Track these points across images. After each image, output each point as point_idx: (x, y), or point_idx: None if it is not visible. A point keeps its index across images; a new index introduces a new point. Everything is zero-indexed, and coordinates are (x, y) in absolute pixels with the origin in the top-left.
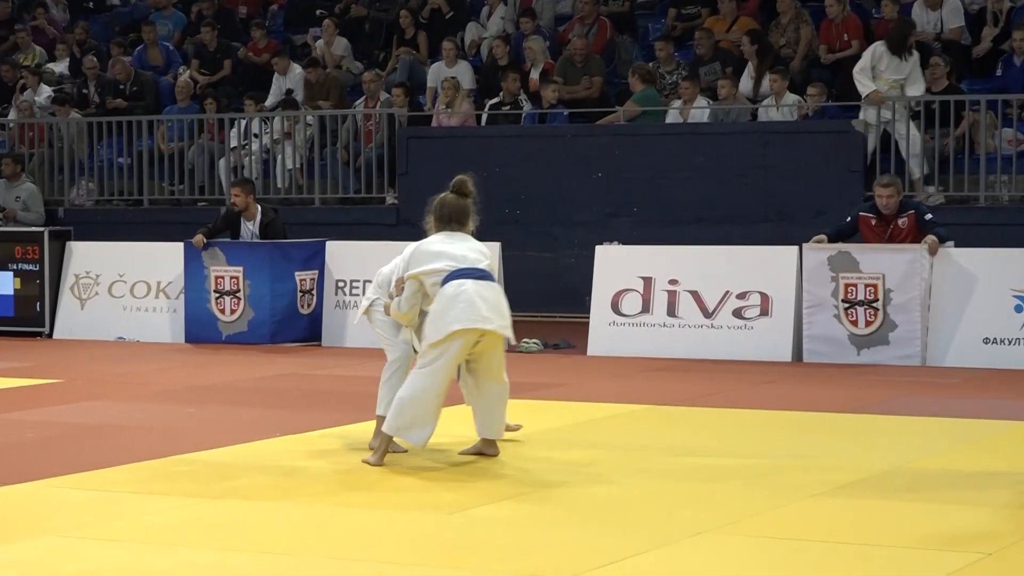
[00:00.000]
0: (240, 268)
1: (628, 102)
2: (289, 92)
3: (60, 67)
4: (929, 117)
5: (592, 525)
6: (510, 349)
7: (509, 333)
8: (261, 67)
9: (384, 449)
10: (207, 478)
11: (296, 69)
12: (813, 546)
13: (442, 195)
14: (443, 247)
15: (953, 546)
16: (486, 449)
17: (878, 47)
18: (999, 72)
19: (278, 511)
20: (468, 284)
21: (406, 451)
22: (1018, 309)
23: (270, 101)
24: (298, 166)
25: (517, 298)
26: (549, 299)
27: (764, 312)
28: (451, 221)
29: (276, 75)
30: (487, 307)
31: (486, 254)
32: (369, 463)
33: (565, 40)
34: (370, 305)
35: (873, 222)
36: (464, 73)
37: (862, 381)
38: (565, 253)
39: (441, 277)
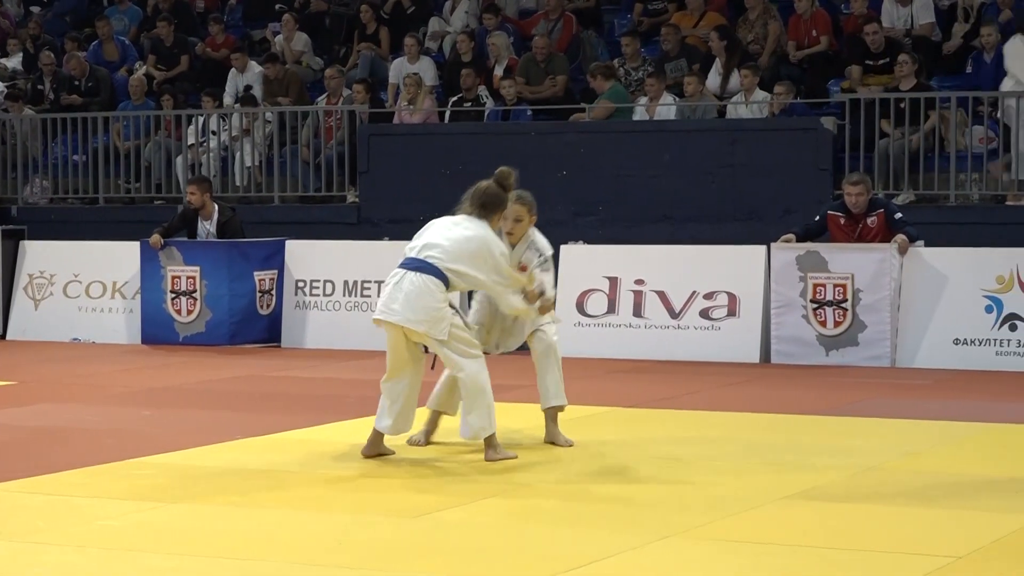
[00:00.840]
0: (197, 268)
1: (601, 100)
2: (248, 88)
3: (13, 62)
4: (898, 115)
5: (557, 529)
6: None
7: (418, 327)
8: (219, 63)
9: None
10: (165, 482)
11: (255, 66)
12: (781, 549)
13: (484, 181)
14: (426, 230)
15: (922, 549)
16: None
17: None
18: (969, 69)
19: (238, 515)
20: (399, 274)
21: (393, 453)
22: (988, 309)
23: (227, 99)
24: (257, 164)
25: None
26: None
27: (731, 312)
28: (474, 206)
29: (232, 72)
30: (402, 299)
31: (466, 246)
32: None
33: (528, 35)
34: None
35: (842, 221)
36: (427, 69)
37: (831, 382)
38: None
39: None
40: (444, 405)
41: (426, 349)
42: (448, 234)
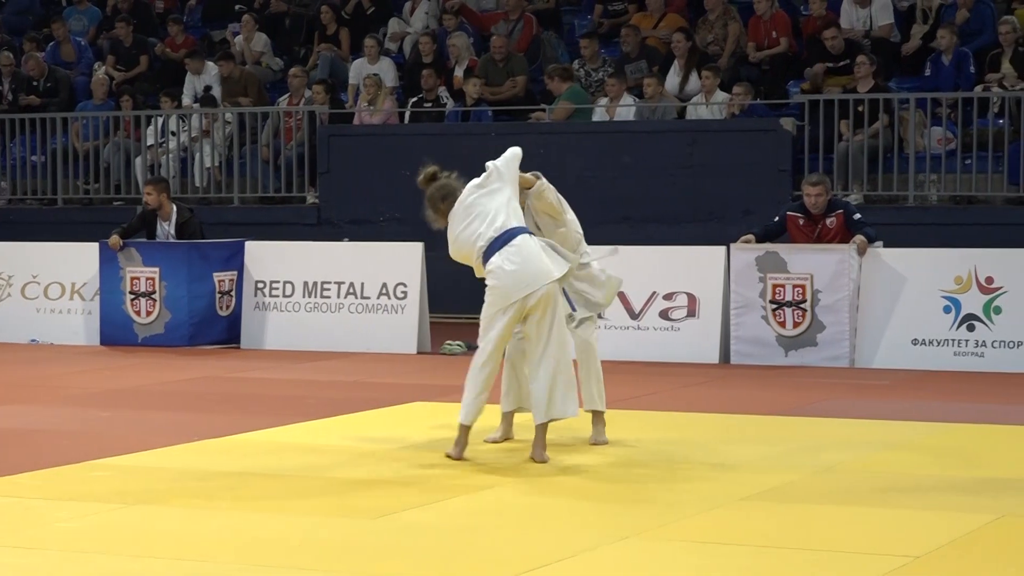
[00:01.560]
0: (156, 269)
1: (561, 101)
2: (208, 89)
3: None
4: (857, 116)
5: (516, 530)
6: (434, 352)
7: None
8: (178, 63)
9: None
10: (123, 483)
11: (212, 67)
12: (740, 550)
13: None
14: (473, 215)
15: (880, 549)
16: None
17: None
18: (928, 71)
19: (196, 517)
20: (506, 252)
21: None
22: (947, 310)
23: (185, 100)
24: (217, 164)
25: (441, 299)
26: (473, 301)
27: (691, 313)
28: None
29: (189, 75)
30: (538, 262)
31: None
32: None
33: (488, 33)
34: None
35: (801, 222)
36: (387, 70)
37: (790, 383)
38: None
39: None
40: (525, 401)
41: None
42: (494, 203)
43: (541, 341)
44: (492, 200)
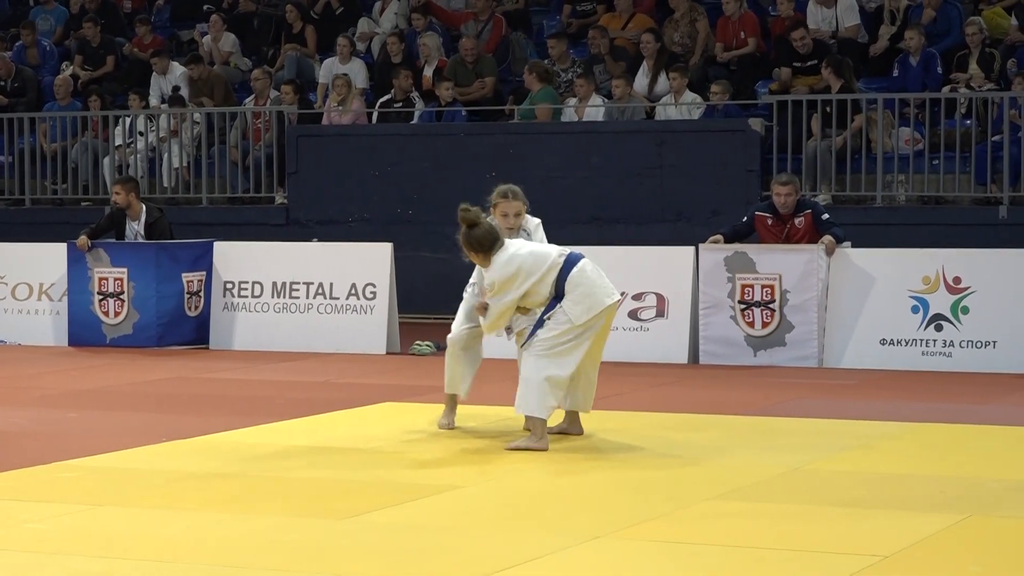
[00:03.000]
0: (124, 269)
1: (538, 104)
2: (176, 89)
3: None
4: (825, 116)
5: (486, 530)
6: (403, 352)
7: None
8: (146, 63)
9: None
10: (91, 484)
11: (178, 67)
12: (709, 550)
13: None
14: (534, 242)
15: (848, 549)
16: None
17: None
18: (895, 72)
19: (165, 518)
20: (587, 263)
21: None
22: (915, 310)
23: (152, 101)
24: (185, 165)
25: (410, 299)
26: (443, 300)
27: (660, 313)
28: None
29: (155, 75)
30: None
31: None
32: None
33: (458, 31)
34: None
35: (769, 222)
36: (358, 71)
37: (759, 383)
38: (459, 254)
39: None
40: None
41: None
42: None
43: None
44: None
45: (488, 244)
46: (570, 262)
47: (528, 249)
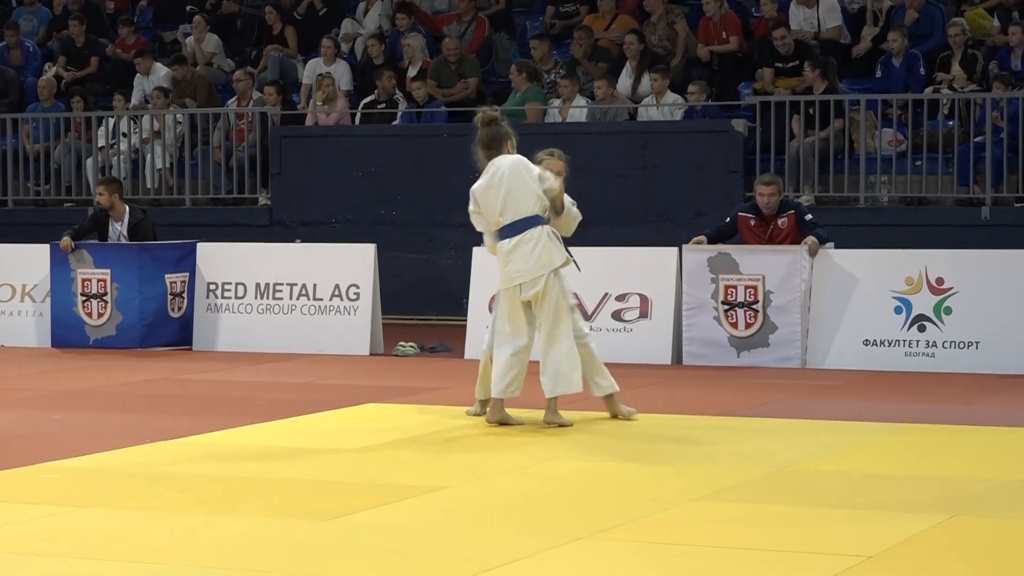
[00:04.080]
0: (108, 271)
1: (523, 98)
2: (164, 90)
3: None
4: (808, 117)
5: (471, 530)
6: (387, 353)
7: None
8: (129, 64)
9: None
10: (75, 486)
11: (161, 68)
12: (694, 550)
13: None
14: (486, 204)
15: (833, 549)
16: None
17: None
18: (878, 73)
19: (148, 519)
20: (514, 240)
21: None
22: (898, 311)
23: (135, 102)
24: (168, 166)
25: (393, 300)
26: (426, 301)
27: (643, 314)
28: (484, 151)
29: (137, 76)
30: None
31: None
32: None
33: (441, 34)
34: None
35: (752, 223)
36: (342, 72)
37: (742, 384)
38: (442, 255)
39: None
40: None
41: None
42: (506, 187)
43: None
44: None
45: (486, 142)
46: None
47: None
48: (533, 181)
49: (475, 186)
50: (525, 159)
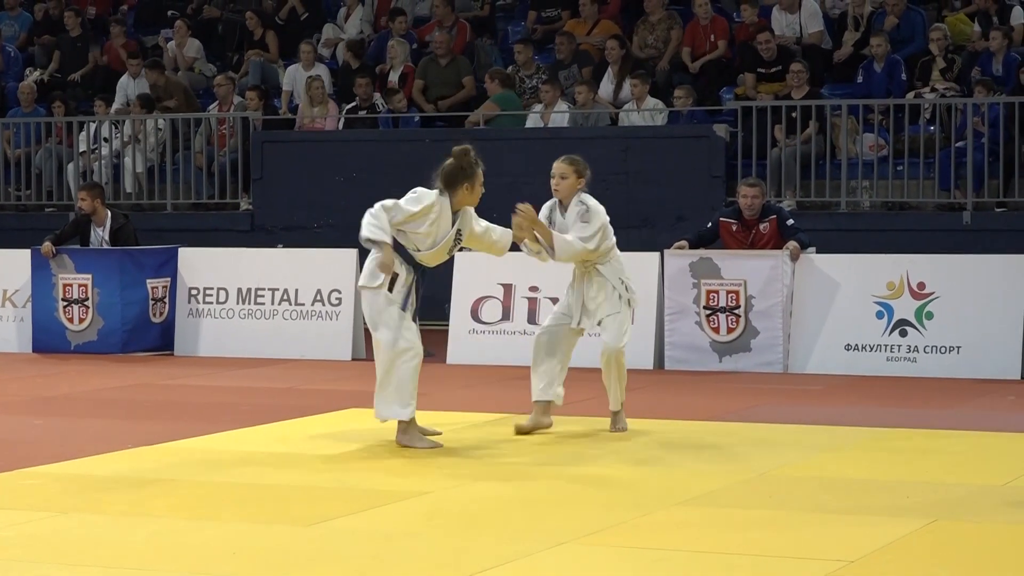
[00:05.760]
0: (89, 276)
1: (486, 102)
2: (147, 98)
3: None
4: (791, 122)
5: (452, 535)
6: (369, 359)
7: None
8: (111, 69)
9: None
10: (56, 491)
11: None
12: (676, 555)
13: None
14: None
15: (815, 554)
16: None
17: None
18: (860, 78)
19: (130, 525)
20: None
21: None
22: (879, 315)
23: (117, 105)
24: (149, 170)
25: None
26: None
27: None
28: (440, 183)
29: (121, 80)
30: None
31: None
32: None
33: (424, 43)
34: None
35: (734, 228)
36: (323, 77)
37: (724, 388)
38: None
39: None
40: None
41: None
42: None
43: None
44: None
45: (444, 176)
46: None
47: None
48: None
49: (410, 206)
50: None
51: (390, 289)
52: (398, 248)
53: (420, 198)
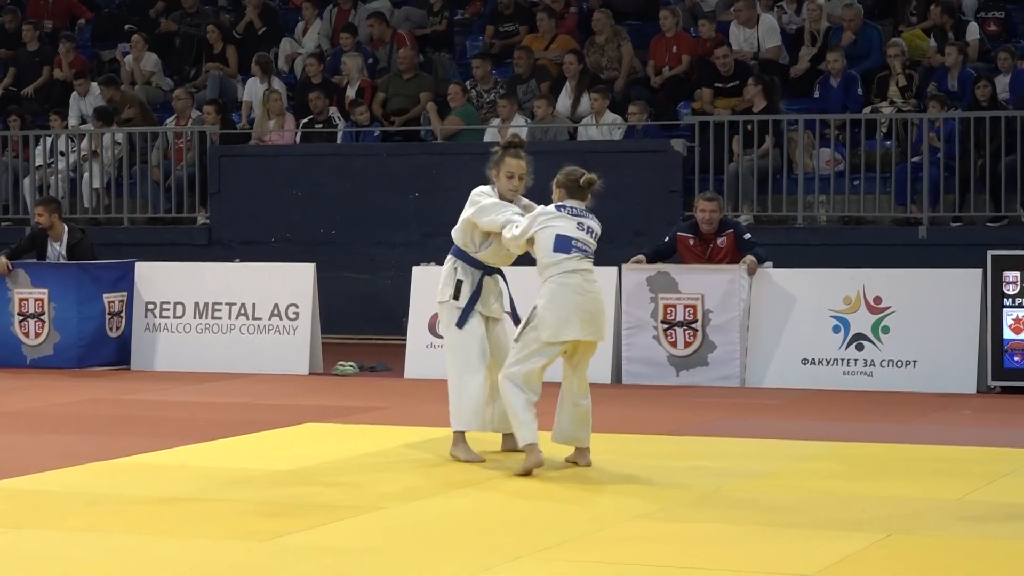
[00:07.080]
0: (45, 290)
1: (449, 116)
2: (101, 108)
3: None
4: (748, 137)
5: (408, 551)
6: (326, 373)
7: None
8: (68, 83)
9: None
10: (10, 507)
11: (98, 89)
12: (633, 569)
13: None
14: None
15: (773, 568)
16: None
17: None
18: (816, 93)
19: (85, 541)
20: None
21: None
22: (836, 330)
23: (71, 122)
24: (106, 185)
25: (333, 320)
26: (366, 321)
27: None
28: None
29: (74, 96)
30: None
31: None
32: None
33: (374, 58)
34: None
35: (692, 242)
36: (280, 91)
37: (681, 403)
38: (382, 274)
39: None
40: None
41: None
42: None
43: None
44: None
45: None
46: None
47: None
48: (466, 209)
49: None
50: (479, 188)
51: (455, 297)
52: (459, 253)
53: (481, 191)
